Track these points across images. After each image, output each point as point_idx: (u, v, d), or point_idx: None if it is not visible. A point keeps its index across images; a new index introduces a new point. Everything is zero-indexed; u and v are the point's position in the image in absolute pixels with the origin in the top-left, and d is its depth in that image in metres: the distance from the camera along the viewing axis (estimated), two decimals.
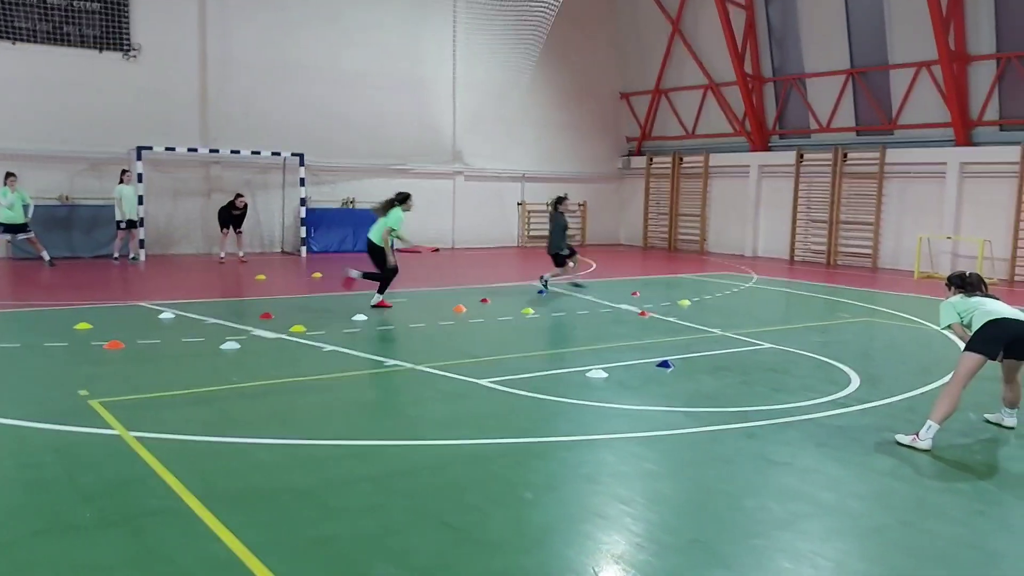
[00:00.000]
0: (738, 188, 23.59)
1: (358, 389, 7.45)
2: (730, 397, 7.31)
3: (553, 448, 5.83)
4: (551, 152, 25.34)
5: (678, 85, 25.00)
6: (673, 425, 6.41)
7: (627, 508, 4.78)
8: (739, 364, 8.69)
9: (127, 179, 17.40)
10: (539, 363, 8.59)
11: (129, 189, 17.35)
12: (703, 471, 5.41)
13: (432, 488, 4.98)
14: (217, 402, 6.87)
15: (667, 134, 25.83)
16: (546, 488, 5.02)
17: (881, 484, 5.30)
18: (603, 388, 7.57)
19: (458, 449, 5.78)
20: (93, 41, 18.18)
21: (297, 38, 20.40)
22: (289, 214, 20.83)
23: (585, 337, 10.13)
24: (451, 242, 23.71)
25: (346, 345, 9.19)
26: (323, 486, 4.99)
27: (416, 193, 22.46)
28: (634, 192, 26.77)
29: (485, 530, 4.40)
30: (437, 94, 22.84)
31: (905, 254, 19.75)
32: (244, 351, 8.78)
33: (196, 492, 4.77)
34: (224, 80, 19.56)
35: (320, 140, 20.56)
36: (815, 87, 21.71)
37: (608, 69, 26.38)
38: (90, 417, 6.21)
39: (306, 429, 6.16)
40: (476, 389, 7.47)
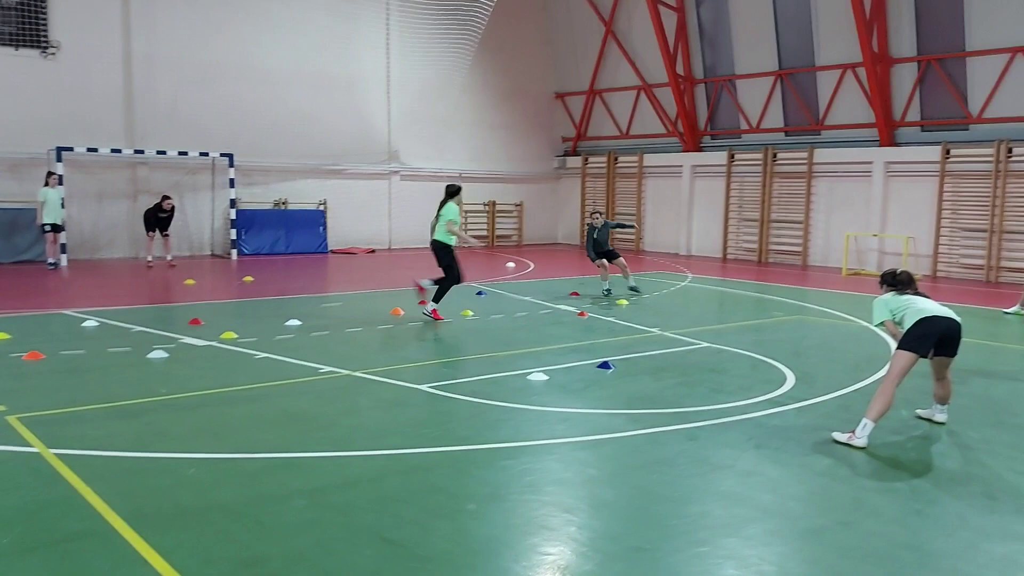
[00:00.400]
0: (672, 188, 23.89)
1: (292, 398, 7.23)
2: (670, 398, 7.33)
3: (495, 455, 5.73)
4: (487, 151, 25.27)
5: (612, 86, 25.18)
6: (615, 428, 6.38)
7: (571, 517, 4.72)
8: (678, 364, 8.74)
9: (52, 182, 16.69)
10: (479, 366, 8.49)
11: (55, 192, 16.66)
12: (646, 476, 5.39)
13: (369, 502, 4.84)
14: (144, 415, 6.58)
15: (602, 134, 26.01)
16: (489, 498, 4.92)
17: (819, 485, 5.35)
18: (544, 391, 7.52)
19: (396, 459, 5.64)
20: (9, 38, 17.39)
21: (226, 35, 19.86)
22: (219, 216, 20.29)
23: (525, 339, 10.07)
24: (387, 243, 23.44)
25: (280, 352, 8.94)
26: (255, 502, 4.80)
27: (350, 194, 22.47)
28: (571, 191, 26.88)
29: (426, 545, 4.28)
30: (371, 93, 22.54)
31: (834, 252, 20.27)
32: (173, 360, 8.47)
33: (122, 513, 4.54)
34: (149, 78, 18.93)
35: (251, 140, 20.07)
36: (745, 88, 22.12)
37: (543, 69, 26.44)
38: (6, 434, 5.87)
39: (238, 442, 5.94)
40: (415, 395, 7.33)
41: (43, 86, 17.65)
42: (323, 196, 21.97)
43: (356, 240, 22.71)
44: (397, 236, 23.62)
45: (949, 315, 6.30)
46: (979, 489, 5.30)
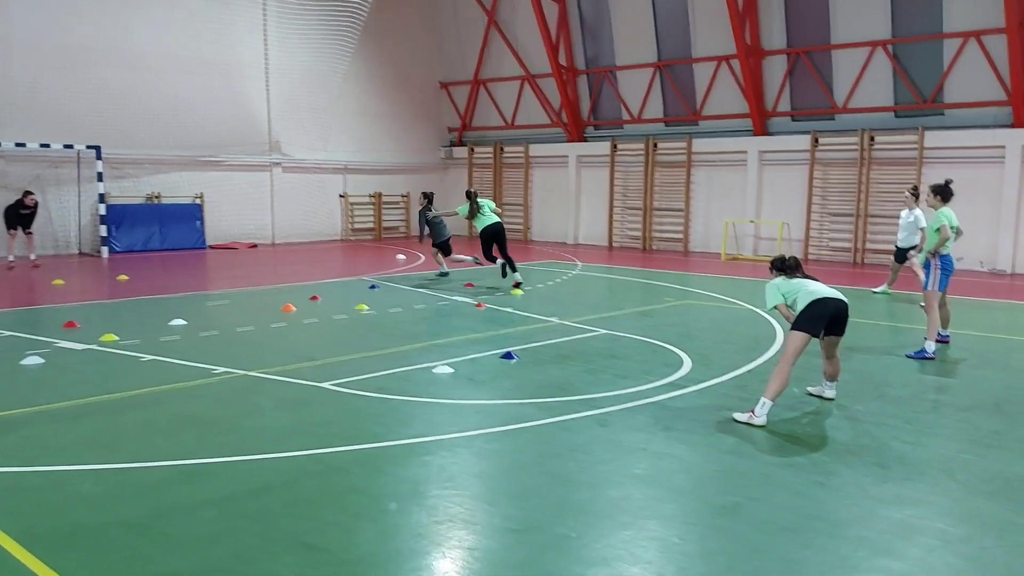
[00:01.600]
0: (558, 177, 24.18)
1: (186, 402, 6.87)
2: (577, 385, 7.40)
3: (410, 451, 5.62)
4: (373, 142, 24.84)
5: (497, 76, 25.22)
6: (527, 417, 6.38)
7: (495, 509, 4.68)
8: (579, 352, 8.84)
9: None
10: (382, 362, 8.32)
11: None
12: (563, 463, 5.41)
13: (284, 507, 4.65)
14: (23, 427, 6.09)
15: (488, 124, 26.01)
16: (410, 496, 4.82)
17: (727, 463, 5.52)
18: (451, 384, 7.44)
19: (309, 461, 5.45)
20: None
21: (91, 17, 18.58)
22: (86, 212, 19.07)
23: (426, 332, 9.96)
24: (270, 237, 22.70)
25: (167, 354, 8.49)
26: (160, 515, 4.52)
27: (230, 186, 21.60)
28: (457, 182, 26.73)
29: (350, 548, 4.14)
30: (250, 80, 21.68)
31: (714, 238, 21.04)
32: (49, 366, 7.89)
33: (12, 533, 4.18)
34: (4, 64, 17.53)
35: (119, 130, 18.90)
36: (626, 79, 22.60)
37: (427, 58, 26.19)
38: None
39: (132, 452, 5.58)
40: (318, 393, 7.11)
41: None
42: (200, 189, 21.01)
43: (237, 234, 21.87)
44: (280, 230, 22.91)
45: (838, 296, 6.62)
46: (872, 459, 5.60)
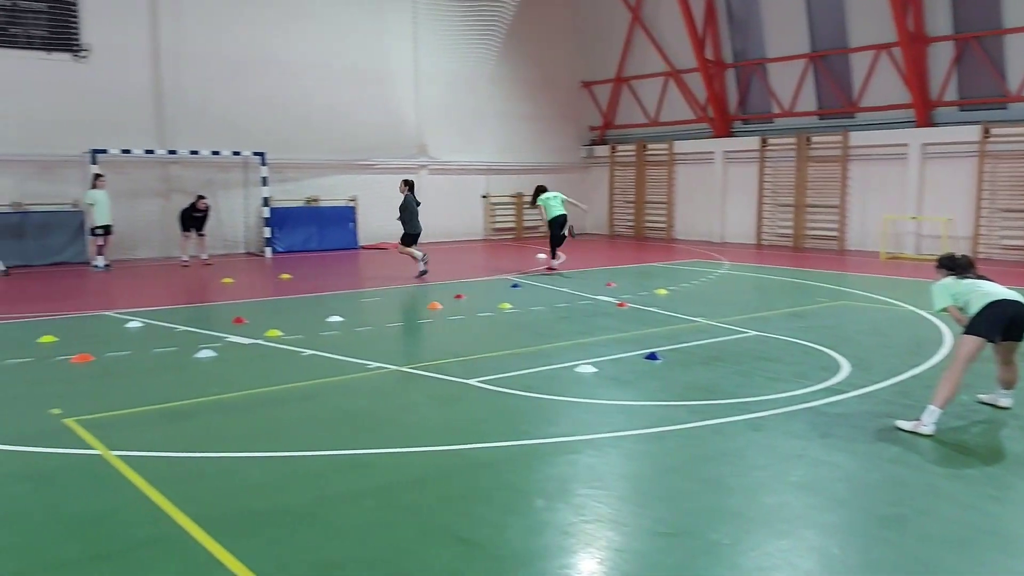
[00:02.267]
0: (704, 174, 23.62)
1: (345, 395, 7.19)
2: (727, 388, 7.20)
3: (557, 450, 5.65)
4: (515, 143, 25.12)
5: (640, 73, 24.93)
6: (675, 420, 6.27)
7: (644, 511, 4.63)
8: (729, 353, 8.60)
9: (100, 184, 16.69)
10: (526, 360, 8.40)
11: (102, 194, 16.65)
12: (715, 467, 5.28)
13: (439, 500, 4.77)
14: (199, 416, 6.57)
15: (630, 122, 25.77)
16: (558, 494, 4.84)
17: (891, 473, 5.22)
18: (595, 383, 7.42)
19: (460, 456, 5.57)
20: (41, 42, 17.50)
21: (254, 30, 19.84)
22: (252, 214, 20.34)
23: (568, 331, 9.97)
24: None
25: (326, 348, 8.91)
26: (323, 503, 4.75)
27: (380, 189, 22.41)
28: (599, 181, 26.69)
29: (502, 543, 4.20)
30: (400, 86, 22.47)
31: (871, 235, 19.95)
32: (220, 359, 8.46)
33: (191, 516, 4.50)
34: (179, 78, 18.98)
35: (281, 137, 20.06)
36: (777, 72, 21.80)
37: (569, 58, 26.23)
38: (66, 438, 5.87)
39: (296, 441, 5.89)
40: (467, 390, 7.26)
41: (75, 88, 17.74)
42: (353, 192, 21.95)
43: (386, 235, 22.60)
44: (426, 230, 23.46)
45: (1017, 298, 6.12)
46: None
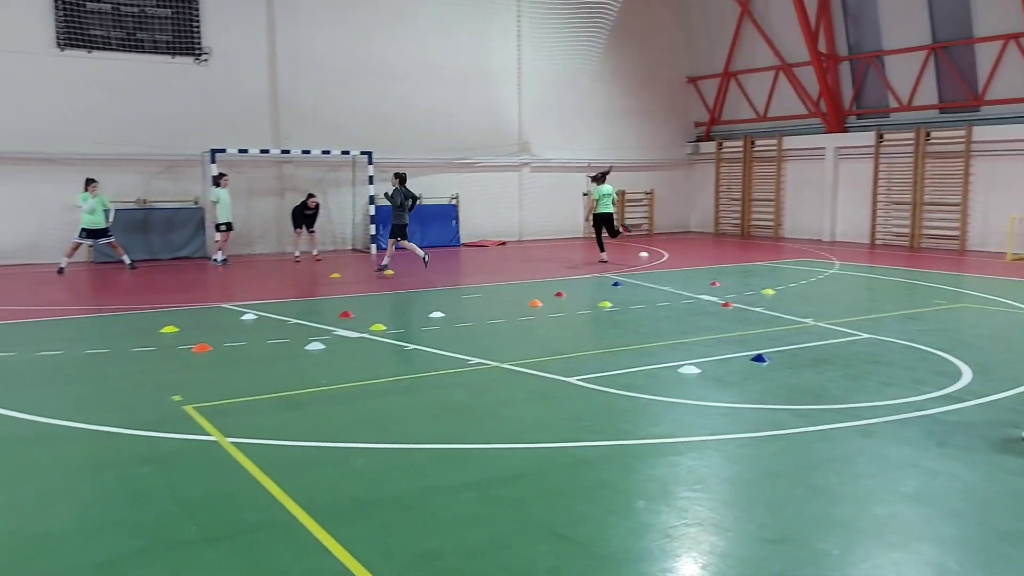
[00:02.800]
0: (814, 171, 22.83)
1: (446, 389, 7.30)
2: (836, 393, 6.95)
3: (658, 450, 5.58)
4: (617, 140, 24.91)
5: (748, 67, 24.30)
6: (781, 424, 6.09)
7: (747, 516, 4.51)
8: (839, 356, 8.29)
9: (224, 183, 17.33)
10: (627, 358, 8.33)
11: (226, 192, 17.31)
12: (822, 474, 5.09)
13: (538, 496, 4.79)
14: (309, 406, 6.80)
15: (737, 117, 25.16)
16: (659, 495, 4.78)
17: (1015, 486, 4.92)
18: (699, 384, 7.29)
19: (559, 453, 5.58)
20: (166, 47, 18.48)
21: (363, 36, 20.40)
22: (359, 211, 20.92)
23: (670, 330, 9.83)
24: (517, 235, 23.53)
25: (428, 343, 9.08)
26: (425, 495, 4.84)
27: (482, 187, 22.67)
28: (704, 178, 26.18)
29: (601, 542, 4.18)
30: (503, 86, 22.65)
31: (994, 235, 18.83)
32: (329, 352, 8.73)
33: (300, 502, 4.67)
34: (294, 80, 19.70)
35: (388, 136, 20.54)
36: (894, 64, 20.84)
37: (675, 53, 25.82)
38: (185, 424, 6.19)
39: (400, 433, 6.03)
40: (566, 388, 7.25)
41: (196, 90, 18.67)
42: (455, 190, 22.28)
43: (487, 233, 22.91)
44: (527, 228, 23.68)
45: None
46: None
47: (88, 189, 15.89)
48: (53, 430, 6.12)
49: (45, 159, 17.28)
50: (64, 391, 7.36)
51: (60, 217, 17.25)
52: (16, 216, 17.29)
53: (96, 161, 17.55)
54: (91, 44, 17.69)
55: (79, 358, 8.58)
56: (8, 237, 17.27)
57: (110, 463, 5.42)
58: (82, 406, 6.75)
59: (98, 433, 6.02)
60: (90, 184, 15.95)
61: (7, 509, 4.69)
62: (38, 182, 17.32)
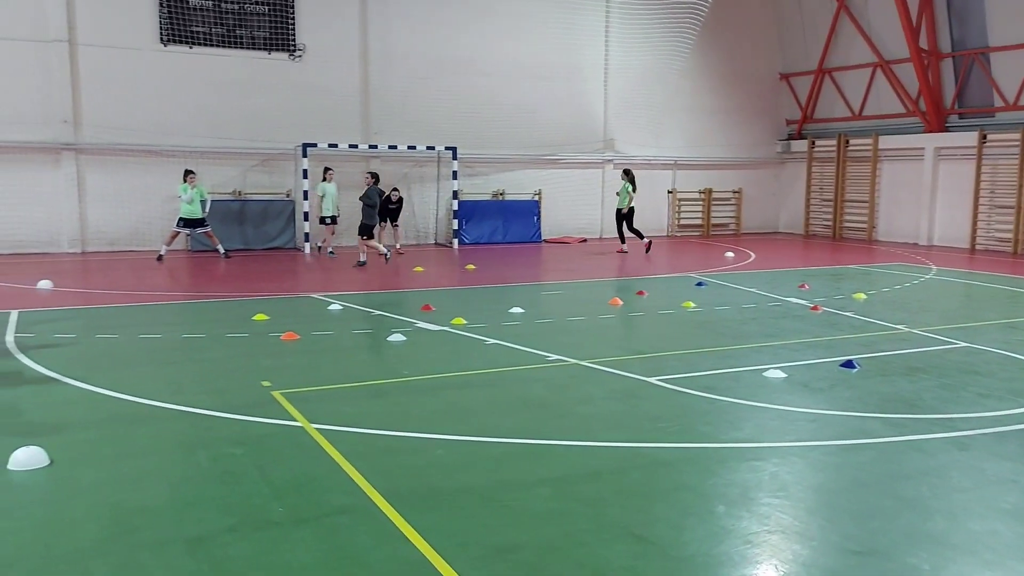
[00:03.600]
0: (911, 172, 21.96)
1: (525, 385, 7.33)
2: (930, 402, 6.68)
3: (739, 455, 5.47)
4: (705, 137, 24.50)
5: (844, 64, 23.53)
6: (870, 432, 5.89)
7: (832, 525, 4.38)
8: (933, 365, 7.96)
9: (330, 176, 17.88)
10: (709, 360, 8.19)
11: (332, 186, 17.89)
12: (913, 486, 4.91)
13: (615, 495, 4.76)
14: (390, 395, 6.93)
15: (831, 115, 24.40)
16: (739, 500, 4.69)
17: None
18: (784, 389, 7.11)
19: (637, 453, 5.53)
20: (263, 43, 19.07)
21: (451, 33, 20.62)
22: (442, 207, 21.16)
23: (755, 333, 9.61)
24: (599, 232, 23.40)
25: (507, 338, 9.12)
26: (502, 488, 4.87)
27: (564, 183, 22.62)
28: (795, 178, 25.50)
29: (679, 545, 4.13)
30: (589, 82, 22.55)
31: None
32: (410, 343, 8.88)
33: (380, 489, 4.76)
34: (384, 76, 20.06)
35: (473, 132, 20.71)
36: (1001, 61, 19.84)
37: (767, 50, 25.22)
38: (274, 409, 6.39)
39: (479, 426, 6.08)
40: (646, 387, 7.19)
41: (291, 86, 19.20)
42: (538, 186, 22.30)
43: (568, 229, 22.86)
44: (608, 225, 23.47)
45: None
46: None
47: (187, 180, 16.54)
48: (151, 411, 6.40)
49: (148, 151, 18.08)
50: (162, 373, 7.69)
51: (161, 207, 18.04)
52: (121, 205, 18.13)
53: (196, 154, 18.27)
54: (193, 40, 18.40)
55: (177, 342, 8.96)
56: (113, 225, 18.13)
57: (203, 443, 5.65)
58: (178, 388, 7.05)
59: (193, 415, 6.28)
60: (188, 175, 16.59)
61: (109, 484, 4.93)
62: (141, 174, 18.13)
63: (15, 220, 17.27)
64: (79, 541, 4.16)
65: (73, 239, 17.80)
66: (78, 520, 4.41)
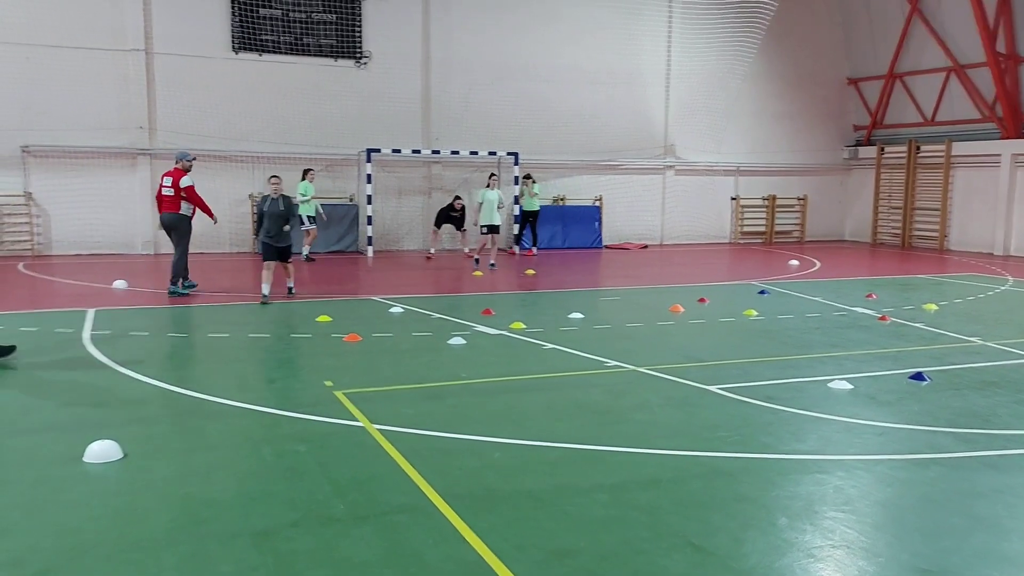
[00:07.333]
0: (986, 179, 21.24)
1: (582, 390, 7.31)
2: (1005, 418, 6.45)
3: (802, 467, 5.36)
4: (768, 143, 24.12)
5: (916, 68, 22.91)
6: (940, 448, 5.72)
7: (900, 543, 4.27)
8: (1010, 380, 7.69)
9: (493, 183, 17.26)
10: (771, 369, 8.05)
11: (494, 194, 16.91)
12: (988, 504, 4.74)
13: (673, 504, 4.72)
14: (449, 397, 6.99)
15: (902, 121, 23.77)
16: (802, 513, 4.60)
17: None
18: (850, 401, 6.95)
19: (695, 461, 5.47)
20: (330, 51, 19.44)
21: (512, 38, 20.70)
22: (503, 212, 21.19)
23: (820, 343, 9.42)
24: (659, 238, 23.20)
25: (565, 344, 9.11)
26: (559, 492, 4.87)
27: (625, 189, 22.53)
28: (862, 184, 24.91)
29: (739, 557, 4.07)
30: (650, 87, 22.40)
31: None
32: (470, 347, 8.93)
33: (439, 490, 4.81)
34: (445, 82, 20.26)
35: (534, 138, 20.76)
36: None
37: (834, 53, 24.71)
38: (336, 409, 6.50)
39: (536, 430, 6.09)
40: (705, 396, 7.10)
41: (356, 92, 19.52)
42: (599, 192, 22.23)
43: (629, 235, 22.73)
44: (669, 231, 23.31)
45: None
46: None
47: (307, 178, 17.19)
48: (219, 408, 6.58)
49: (218, 156, 18.56)
50: (229, 371, 7.90)
51: (230, 210, 18.48)
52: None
53: (264, 159, 18.72)
54: (262, 48, 18.86)
55: (243, 341, 9.19)
56: None
57: (268, 440, 5.79)
58: (245, 386, 7.23)
59: (258, 412, 6.43)
60: (308, 173, 17.31)
61: (180, 477, 5.09)
62: (212, 177, 18.57)
63: (95, 222, 17.94)
64: (151, 531, 4.31)
65: (147, 241, 18.40)
66: (150, 511, 4.56)
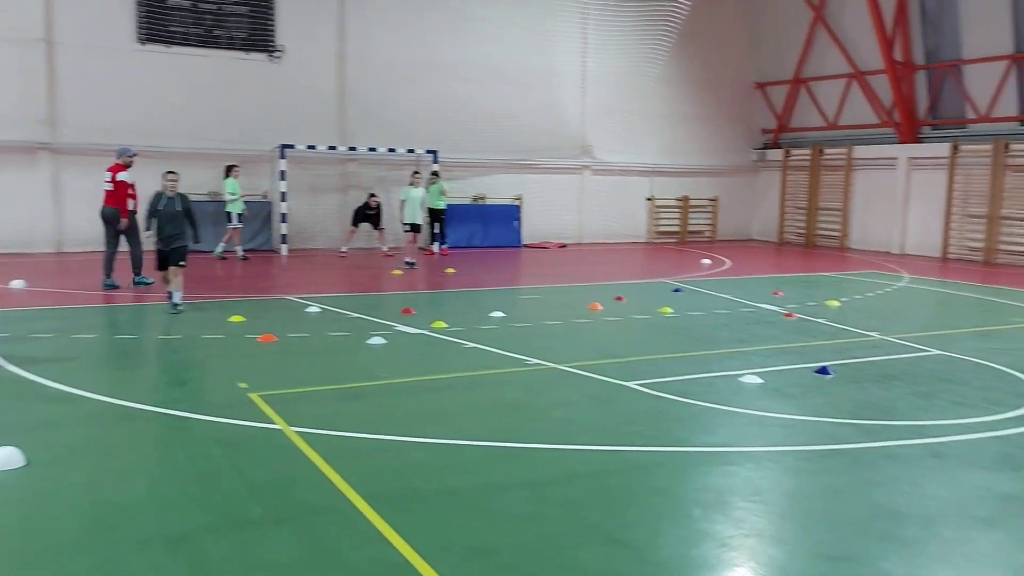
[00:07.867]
0: (884, 181, 22.26)
1: (503, 388, 7.35)
2: (904, 409, 6.78)
3: (713, 459, 5.53)
4: (681, 145, 24.70)
5: (819, 74, 23.84)
6: (844, 439, 5.98)
7: (806, 531, 4.45)
8: (907, 372, 8.09)
9: (417, 181, 17.02)
10: (685, 365, 8.26)
11: (417, 191, 16.67)
12: (887, 493, 4.98)
13: (591, 498, 4.79)
14: (369, 397, 6.93)
15: (806, 125, 24.70)
16: (714, 504, 4.74)
17: None
18: (759, 395, 7.19)
19: (613, 456, 5.57)
20: (241, 44, 18.96)
21: (429, 37, 20.61)
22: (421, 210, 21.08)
23: (730, 339, 9.71)
24: (578, 237, 23.49)
25: (487, 342, 9.13)
26: (480, 490, 4.90)
27: (543, 188, 22.71)
28: (769, 186, 25.77)
29: (654, 549, 4.17)
30: (566, 88, 22.67)
31: None
32: (390, 346, 8.86)
33: (359, 490, 4.76)
34: (362, 79, 20.02)
35: (452, 136, 20.70)
36: (973, 74, 20.20)
37: (742, 58, 25.48)
38: (251, 411, 6.35)
39: (457, 428, 6.09)
40: (623, 392, 7.23)
41: (269, 87, 19.09)
42: (518, 191, 22.36)
43: (548, 234, 22.94)
44: (587, 231, 23.63)
45: None
46: None
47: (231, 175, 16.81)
48: (128, 411, 6.35)
49: None
50: (138, 374, 7.63)
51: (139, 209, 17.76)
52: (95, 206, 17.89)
53: (174, 155, 18.07)
54: (170, 39, 18.25)
55: (153, 342, 8.88)
56: (88, 225, 17.85)
57: (181, 444, 5.63)
58: (155, 389, 7.00)
59: (170, 416, 6.24)
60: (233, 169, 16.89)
61: (88, 483, 4.89)
62: None
63: None
64: (60, 538, 4.14)
65: (50, 239, 17.57)
66: (58, 518, 4.38)
